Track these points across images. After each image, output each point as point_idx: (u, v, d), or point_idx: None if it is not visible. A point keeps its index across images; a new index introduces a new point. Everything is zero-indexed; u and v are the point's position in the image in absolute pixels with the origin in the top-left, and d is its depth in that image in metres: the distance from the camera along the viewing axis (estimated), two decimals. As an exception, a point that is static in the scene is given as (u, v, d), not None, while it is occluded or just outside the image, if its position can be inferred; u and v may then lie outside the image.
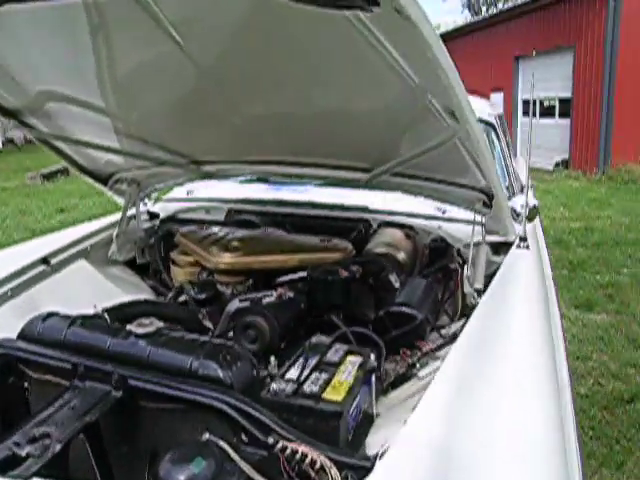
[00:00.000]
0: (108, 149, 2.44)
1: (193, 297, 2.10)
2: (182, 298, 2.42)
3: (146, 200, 2.99)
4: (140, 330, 1.52)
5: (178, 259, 2.52)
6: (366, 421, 1.62)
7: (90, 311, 1.80)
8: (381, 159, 2.23)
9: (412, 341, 1.97)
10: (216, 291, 2.16)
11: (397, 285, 2.16)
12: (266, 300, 1.94)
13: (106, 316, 1.73)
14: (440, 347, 1.91)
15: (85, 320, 1.65)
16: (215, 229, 2.56)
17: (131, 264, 2.77)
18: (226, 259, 2.20)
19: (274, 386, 1.50)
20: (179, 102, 2.15)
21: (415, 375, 1.83)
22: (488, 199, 2.21)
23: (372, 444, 1.57)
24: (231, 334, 1.91)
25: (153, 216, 2.99)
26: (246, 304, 1.95)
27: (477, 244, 2.49)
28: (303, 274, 2.23)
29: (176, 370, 1.47)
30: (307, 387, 1.52)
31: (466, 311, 2.25)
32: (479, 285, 2.25)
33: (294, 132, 2.20)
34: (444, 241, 2.58)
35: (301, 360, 1.66)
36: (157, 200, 3.16)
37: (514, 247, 2.47)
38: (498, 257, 2.47)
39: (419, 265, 2.57)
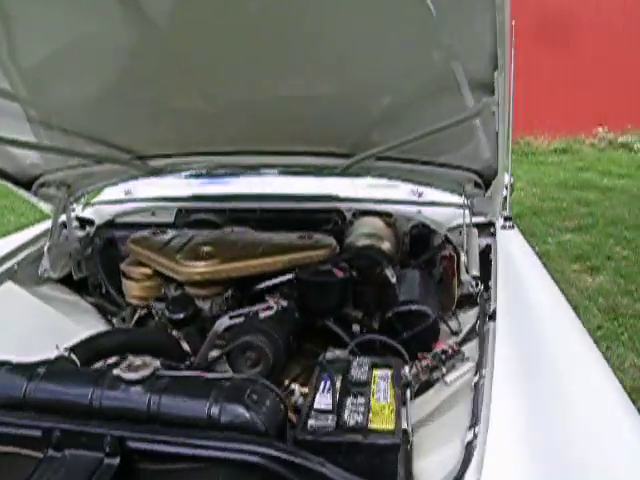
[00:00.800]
0: (28, 145, 1.99)
1: (168, 317, 1.75)
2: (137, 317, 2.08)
3: (74, 205, 2.55)
4: (133, 375, 1.18)
5: (131, 271, 2.14)
6: (408, 445, 1.40)
7: (48, 351, 1.41)
8: (365, 143, 1.99)
9: (426, 342, 1.77)
10: (195, 308, 1.82)
11: (394, 280, 1.95)
12: (263, 314, 1.65)
13: (74, 357, 1.35)
14: (461, 344, 1.73)
15: (50, 368, 1.27)
16: (173, 233, 2.20)
17: (67, 281, 2.34)
18: (200, 268, 1.87)
19: (312, 423, 1.23)
20: (119, 85, 1.78)
21: (440, 380, 1.63)
22: (482, 180, 2.05)
23: (420, 472, 1.35)
24: (220, 359, 1.61)
25: (85, 223, 2.56)
26: (238, 320, 1.65)
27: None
28: (288, 277, 1.96)
29: (190, 421, 1.15)
30: (348, 418, 1.27)
31: (464, 300, 2.09)
32: (476, 272, 2.10)
33: (262, 117, 1.89)
34: (426, 227, 2.41)
35: (326, 383, 1.40)
36: (87, 204, 2.71)
37: (499, 228, 2.35)
38: (480, 239, 2.35)
39: (401, 254, 2.38)
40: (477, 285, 2.05)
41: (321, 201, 2.51)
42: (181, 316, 1.74)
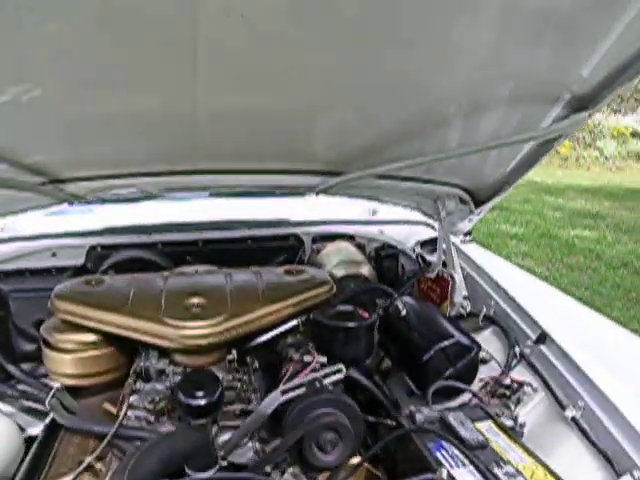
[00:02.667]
0: None
1: (187, 404, 1.25)
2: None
3: None
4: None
5: (61, 340, 1.53)
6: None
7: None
8: (368, 159, 1.74)
9: (470, 377, 1.60)
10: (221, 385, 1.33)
11: (404, 313, 1.73)
12: (326, 380, 1.28)
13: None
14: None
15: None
16: (116, 280, 1.65)
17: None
18: (203, 329, 1.39)
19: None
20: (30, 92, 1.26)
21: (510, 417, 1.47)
22: (470, 197, 1.95)
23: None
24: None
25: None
26: (292, 394, 1.25)
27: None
28: (293, 323, 1.60)
29: None
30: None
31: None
32: (465, 291, 2.01)
33: (226, 127, 1.52)
34: (392, 247, 2.23)
35: (456, 460, 1.13)
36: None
37: (458, 241, 2.29)
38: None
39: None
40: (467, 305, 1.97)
41: (270, 226, 2.16)
42: (205, 402, 1.25)
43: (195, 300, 1.49)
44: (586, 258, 5.97)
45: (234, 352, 1.49)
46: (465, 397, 1.58)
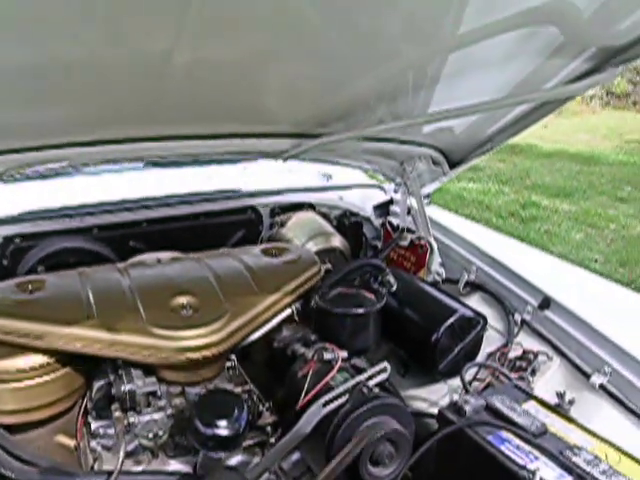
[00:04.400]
0: None
1: (209, 435, 0.98)
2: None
3: None
4: None
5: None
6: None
7: None
8: (346, 120, 1.54)
9: (475, 350, 1.52)
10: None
11: (395, 288, 1.58)
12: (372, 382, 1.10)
13: None
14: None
15: None
16: (60, 281, 1.30)
17: None
18: (201, 339, 1.12)
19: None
20: None
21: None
22: (444, 158, 1.84)
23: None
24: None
25: None
26: (333, 405, 1.05)
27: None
28: (287, 313, 1.39)
29: None
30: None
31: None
32: (439, 258, 1.91)
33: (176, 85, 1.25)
34: (354, 214, 2.07)
35: (526, 453, 1.03)
36: None
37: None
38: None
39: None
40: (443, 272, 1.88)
41: (223, 199, 1.87)
42: (229, 432, 0.99)
43: (182, 300, 1.21)
44: (477, 209, 6.29)
45: (233, 358, 1.24)
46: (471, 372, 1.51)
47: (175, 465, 1.11)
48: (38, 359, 1.17)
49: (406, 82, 1.44)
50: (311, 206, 2.01)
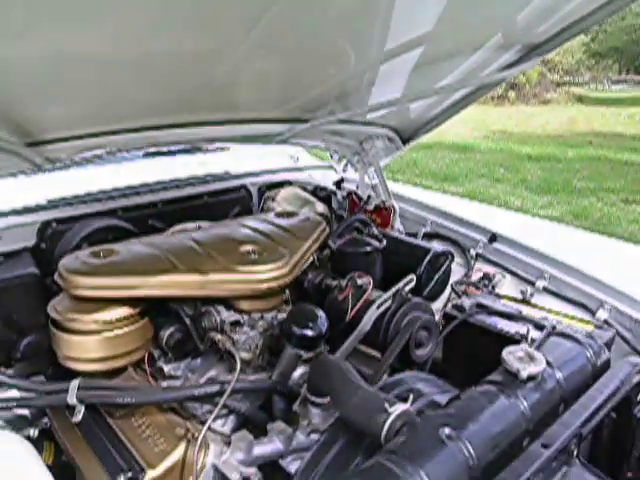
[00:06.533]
0: None
1: (302, 335, 1.29)
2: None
3: None
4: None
5: (87, 320, 1.37)
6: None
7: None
8: (331, 106, 1.91)
9: (447, 279, 1.96)
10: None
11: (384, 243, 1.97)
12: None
13: None
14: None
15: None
16: (131, 246, 1.54)
17: None
18: (274, 272, 1.42)
19: None
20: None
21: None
22: (398, 136, 2.27)
23: None
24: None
25: None
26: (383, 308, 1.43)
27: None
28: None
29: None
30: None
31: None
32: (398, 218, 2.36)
33: (187, 78, 1.48)
34: (323, 189, 2.44)
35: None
36: None
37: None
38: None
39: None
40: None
41: (220, 181, 2.16)
42: (317, 332, 1.31)
43: (247, 247, 1.51)
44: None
45: (287, 292, 1.57)
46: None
47: (257, 375, 1.41)
48: (122, 311, 1.39)
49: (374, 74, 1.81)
50: (289, 183, 2.35)
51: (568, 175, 7.98)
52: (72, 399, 1.27)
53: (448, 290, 1.94)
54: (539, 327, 1.45)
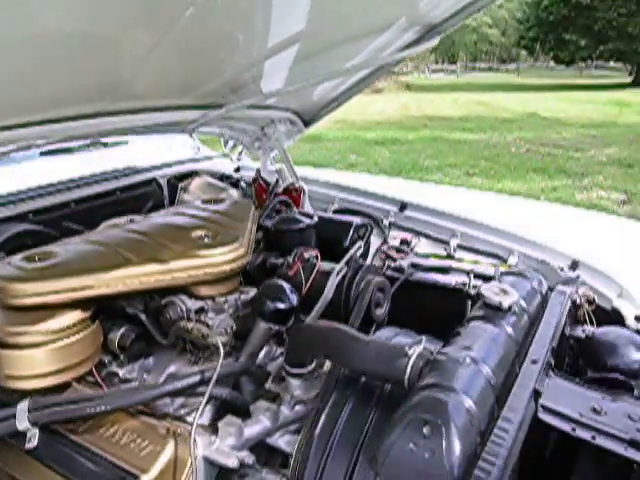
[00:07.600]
0: None
1: (275, 309, 1.29)
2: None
3: None
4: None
5: (30, 332, 1.24)
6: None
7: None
8: (242, 91, 1.91)
9: (368, 248, 2.08)
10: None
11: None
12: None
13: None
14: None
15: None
16: (69, 246, 1.42)
17: None
18: (233, 253, 1.39)
19: None
20: None
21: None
22: (300, 118, 2.34)
23: None
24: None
25: None
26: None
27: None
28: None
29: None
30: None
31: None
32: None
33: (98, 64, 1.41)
34: (227, 177, 2.44)
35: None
36: None
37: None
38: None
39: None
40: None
41: (129, 175, 2.04)
42: (289, 305, 1.33)
43: (199, 232, 1.46)
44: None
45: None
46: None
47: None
48: (74, 316, 1.27)
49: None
50: (196, 173, 2.30)
51: (414, 155, 8.72)
52: (23, 423, 1.15)
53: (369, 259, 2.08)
54: (476, 276, 1.63)
